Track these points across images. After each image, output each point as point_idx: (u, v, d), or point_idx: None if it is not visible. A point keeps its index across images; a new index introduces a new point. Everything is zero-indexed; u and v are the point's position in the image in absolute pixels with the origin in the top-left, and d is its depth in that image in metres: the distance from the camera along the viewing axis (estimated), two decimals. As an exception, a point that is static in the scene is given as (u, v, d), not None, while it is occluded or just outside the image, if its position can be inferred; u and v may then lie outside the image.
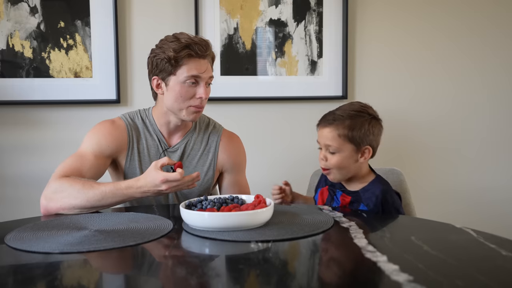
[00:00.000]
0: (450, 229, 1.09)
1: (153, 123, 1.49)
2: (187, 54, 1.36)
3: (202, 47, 1.38)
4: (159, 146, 1.49)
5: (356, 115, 1.30)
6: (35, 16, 2.02)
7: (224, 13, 2.14)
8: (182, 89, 1.39)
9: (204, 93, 1.40)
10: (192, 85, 1.39)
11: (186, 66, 1.38)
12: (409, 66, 2.31)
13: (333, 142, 1.30)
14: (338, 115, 1.31)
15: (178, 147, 1.50)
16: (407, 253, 0.92)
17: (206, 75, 1.41)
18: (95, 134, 1.43)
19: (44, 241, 1.00)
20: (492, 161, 2.39)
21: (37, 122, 2.08)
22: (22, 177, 2.07)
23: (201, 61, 1.39)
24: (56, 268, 0.88)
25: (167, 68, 1.39)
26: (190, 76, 1.38)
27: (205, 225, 1.05)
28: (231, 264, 0.91)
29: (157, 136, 1.49)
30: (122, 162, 1.46)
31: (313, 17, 2.21)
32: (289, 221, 1.13)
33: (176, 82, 1.39)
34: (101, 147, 1.41)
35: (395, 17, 2.28)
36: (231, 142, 1.57)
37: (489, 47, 2.34)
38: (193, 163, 1.51)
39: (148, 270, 0.87)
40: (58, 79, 2.06)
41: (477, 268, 0.83)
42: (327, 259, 0.94)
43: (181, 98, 1.40)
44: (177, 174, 1.20)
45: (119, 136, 1.44)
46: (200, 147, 1.53)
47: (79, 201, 1.25)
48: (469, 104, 2.36)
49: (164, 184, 1.21)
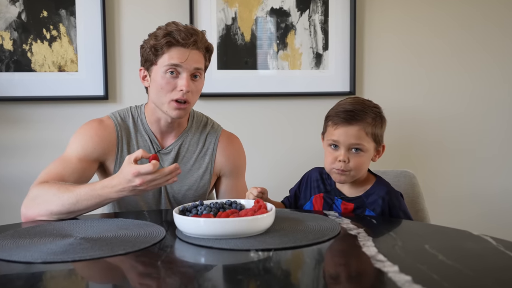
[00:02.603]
0: (467, 236, 1.09)
1: (145, 122, 1.49)
2: (166, 42, 1.36)
3: (186, 35, 1.36)
4: (151, 148, 1.48)
5: (373, 112, 1.32)
6: (15, 5, 2.02)
7: (221, 2, 2.15)
8: (163, 80, 1.38)
9: (186, 85, 1.36)
10: (173, 75, 1.38)
11: (167, 55, 1.37)
12: (422, 59, 2.31)
13: (362, 141, 1.29)
14: (360, 111, 1.30)
15: (172, 149, 1.49)
16: (420, 262, 0.92)
17: (189, 65, 1.38)
18: (80, 136, 1.43)
19: (26, 249, 0.99)
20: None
21: (18, 120, 2.08)
22: (2, 180, 2.07)
23: (183, 49, 1.37)
24: (39, 279, 0.88)
25: (150, 57, 1.40)
26: (169, 65, 1.36)
27: (200, 232, 1.05)
28: (228, 274, 0.91)
29: (149, 137, 1.48)
30: (110, 166, 1.45)
31: (318, 6, 2.21)
32: (292, 228, 1.13)
33: (157, 72, 1.39)
34: (86, 150, 1.41)
35: (406, 5, 2.28)
36: (230, 144, 1.57)
37: (508, 37, 2.34)
38: (188, 166, 1.50)
39: (139, 281, 0.87)
40: (40, 73, 2.06)
41: (496, 279, 0.83)
42: (333, 269, 0.94)
43: (162, 91, 1.38)
44: (150, 165, 1.14)
45: (106, 138, 1.44)
46: (196, 149, 1.52)
47: (54, 206, 1.24)
48: (488, 101, 2.37)
49: (138, 178, 1.16)
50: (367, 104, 1.34)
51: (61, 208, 1.24)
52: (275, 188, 1.51)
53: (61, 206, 1.23)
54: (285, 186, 1.68)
